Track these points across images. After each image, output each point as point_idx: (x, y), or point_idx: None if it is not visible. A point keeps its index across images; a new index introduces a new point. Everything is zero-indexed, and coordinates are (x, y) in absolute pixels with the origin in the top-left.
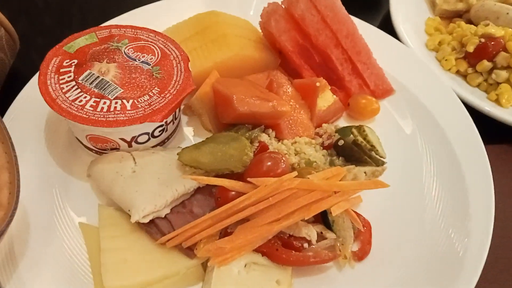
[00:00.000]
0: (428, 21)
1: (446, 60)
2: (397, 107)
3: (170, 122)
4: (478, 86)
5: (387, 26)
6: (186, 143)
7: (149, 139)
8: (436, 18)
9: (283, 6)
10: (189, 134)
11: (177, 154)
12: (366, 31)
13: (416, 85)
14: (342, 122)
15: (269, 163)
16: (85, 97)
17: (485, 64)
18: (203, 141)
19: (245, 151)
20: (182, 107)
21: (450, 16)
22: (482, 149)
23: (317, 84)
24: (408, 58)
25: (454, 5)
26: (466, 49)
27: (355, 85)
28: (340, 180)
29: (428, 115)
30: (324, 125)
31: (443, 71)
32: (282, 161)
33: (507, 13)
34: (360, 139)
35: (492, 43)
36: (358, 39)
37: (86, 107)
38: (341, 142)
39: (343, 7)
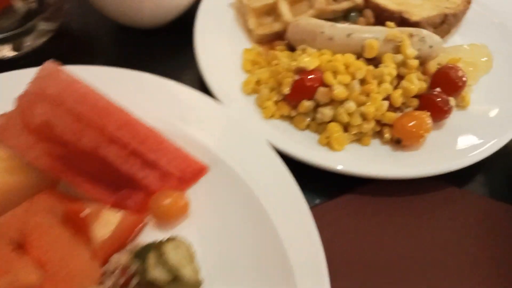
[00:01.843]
0: (244, 53)
1: (264, 108)
2: (213, 189)
3: None
4: (308, 128)
5: None
6: None
7: None
8: (254, 47)
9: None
10: None
11: None
12: (173, 92)
13: (232, 153)
14: (152, 233)
15: None
16: None
17: (306, 104)
18: None
19: None
20: None
21: (271, 40)
22: (312, 230)
23: (84, 214)
24: (220, 118)
25: (270, 27)
26: (281, 90)
27: (154, 179)
28: None
29: (246, 189)
30: (114, 257)
31: (266, 120)
32: None
33: (322, 32)
34: (154, 275)
35: (309, 77)
36: (137, 126)
37: None
38: (135, 280)
39: (102, 95)
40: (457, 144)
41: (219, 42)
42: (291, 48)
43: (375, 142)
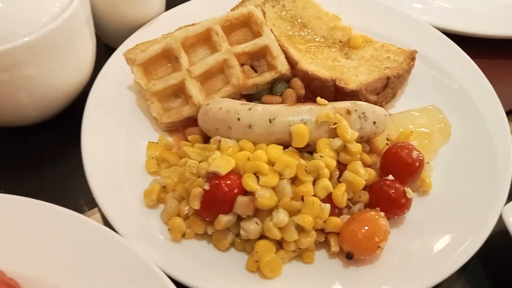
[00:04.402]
0: (148, 148)
1: (172, 227)
2: None
3: None
4: (233, 246)
5: None
6: None
7: None
8: (162, 138)
9: None
10: None
11: None
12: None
13: None
14: None
15: None
16: None
17: (223, 220)
18: None
19: None
20: None
21: (183, 126)
22: None
23: None
24: (106, 257)
25: (179, 112)
26: (190, 205)
27: None
28: None
29: None
30: None
31: (177, 243)
32: None
33: (238, 119)
34: None
35: (224, 184)
36: None
37: None
38: None
39: None
40: (425, 246)
41: (114, 138)
42: (207, 137)
43: (320, 255)
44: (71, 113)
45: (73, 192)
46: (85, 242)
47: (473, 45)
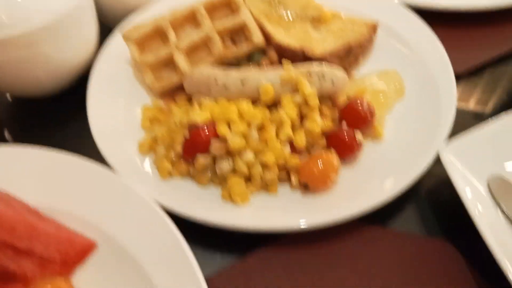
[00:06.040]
0: (144, 111)
1: (160, 168)
2: (101, 270)
3: None
4: (212, 182)
5: None
6: None
7: None
8: (155, 102)
9: None
10: None
11: None
12: (56, 164)
13: (121, 227)
14: None
15: None
16: None
17: (201, 160)
18: None
19: None
20: None
21: (173, 92)
22: None
23: None
24: (109, 189)
25: (168, 80)
26: (174, 150)
27: (31, 268)
28: None
29: (137, 267)
30: None
31: (166, 181)
32: None
33: (216, 81)
34: None
35: (200, 131)
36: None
37: None
38: None
39: None
40: (372, 180)
41: (115, 103)
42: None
43: (284, 188)
44: (79, 87)
45: (80, 151)
46: (90, 181)
47: (438, 17)
